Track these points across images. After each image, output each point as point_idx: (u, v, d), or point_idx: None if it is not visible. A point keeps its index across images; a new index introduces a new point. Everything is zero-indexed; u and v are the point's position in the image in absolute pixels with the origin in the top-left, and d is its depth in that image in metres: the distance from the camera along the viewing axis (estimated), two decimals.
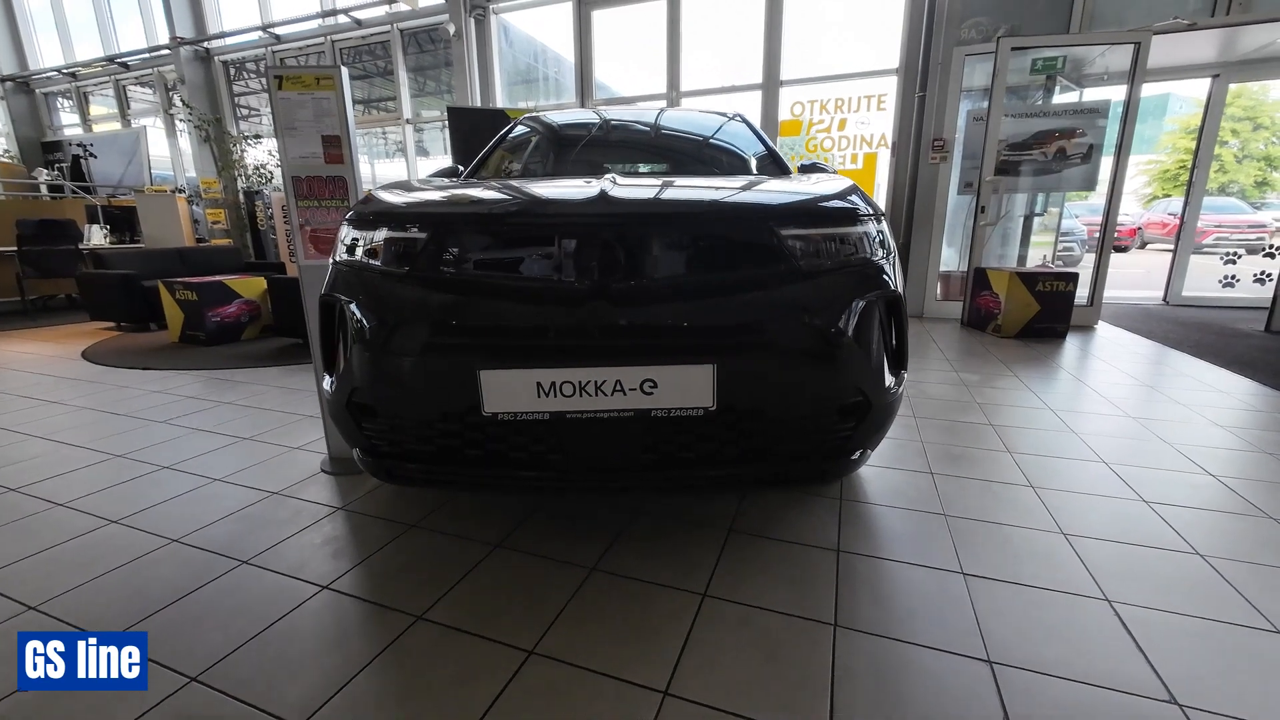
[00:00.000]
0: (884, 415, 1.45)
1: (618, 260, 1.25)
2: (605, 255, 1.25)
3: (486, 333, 1.26)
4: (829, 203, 1.45)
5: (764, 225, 1.32)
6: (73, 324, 5.67)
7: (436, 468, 1.36)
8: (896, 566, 1.51)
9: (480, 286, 1.30)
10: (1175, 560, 1.52)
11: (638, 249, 1.27)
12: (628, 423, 1.26)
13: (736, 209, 1.35)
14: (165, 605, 1.39)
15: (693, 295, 1.27)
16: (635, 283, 1.25)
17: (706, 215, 1.32)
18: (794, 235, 1.34)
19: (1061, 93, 5.51)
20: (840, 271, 1.37)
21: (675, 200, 1.35)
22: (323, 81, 1.89)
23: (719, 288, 1.28)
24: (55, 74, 10.16)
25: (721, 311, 1.26)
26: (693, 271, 1.29)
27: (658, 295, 1.26)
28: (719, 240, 1.31)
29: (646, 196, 1.34)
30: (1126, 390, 3.04)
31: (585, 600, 1.38)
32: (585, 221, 1.26)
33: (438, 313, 1.30)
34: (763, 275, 1.30)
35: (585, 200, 1.31)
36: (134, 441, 2.45)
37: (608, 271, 1.24)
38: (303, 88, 1.89)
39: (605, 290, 1.24)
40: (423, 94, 8.45)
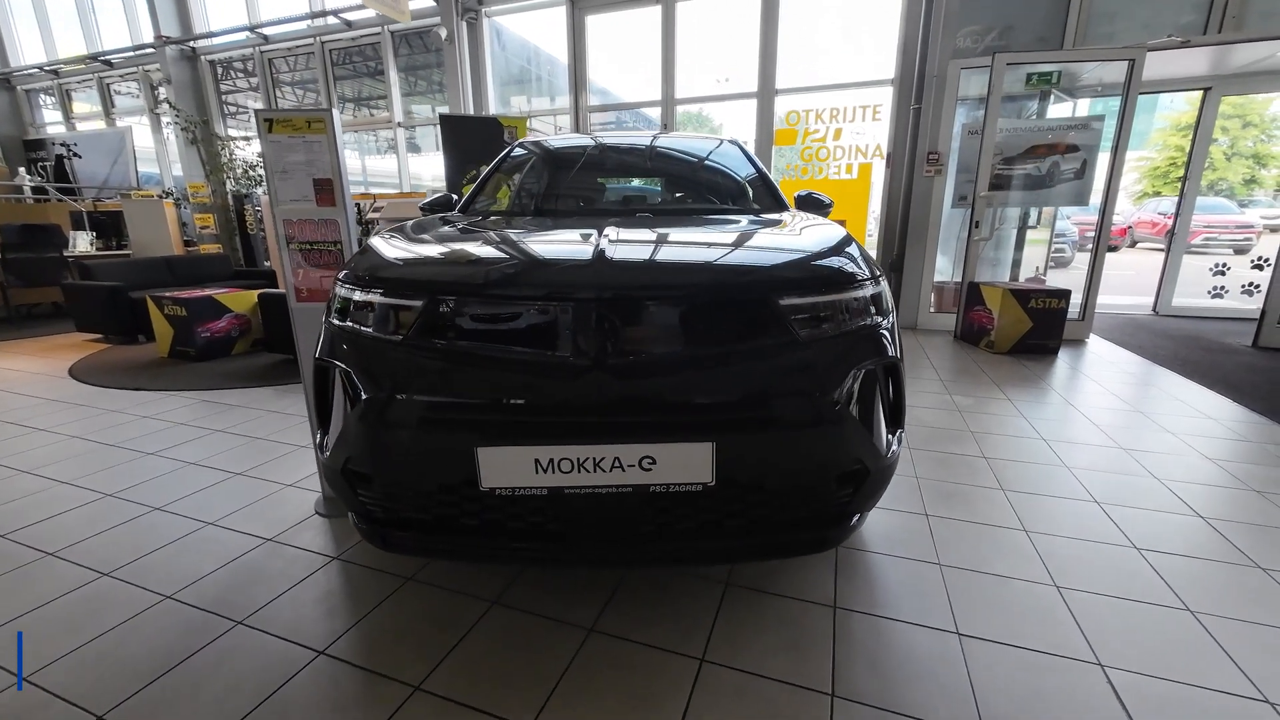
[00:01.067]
0: (882, 479, 1.45)
1: (615, 334, 1.24)
2: (602, 330, 1.24)
3: (484, 409, 1.25)
4: (828, 266, 1.44)
5: (763, 295, 1.31)
6: (59, 334, 5.58)
7: (433, 537, 1.35)
8: (893, 626, 1.52)
9: (476, 359, 1.28)
10: (1166, 618, 1.54)
11: (635, 323, 1.26)
12: (626, 498, 1.26)
13: (735, 279, 1.34)
14: (159, 675, 1.37)
15: (692, 370, 1.26)
16: (633, 357, 1.24)
17: (705, 286, 1.31)
18: (793, 304, 1.33)
19: (1056, 103, 5.53)
20: (839, 339, 1.36)
21: (673, 271, 1.34)
22: (314, 124, 1.85)
23: (718, 361, 1.27)
24: (37, 70, 9.94)
25: (720, 387, 1.25)
26: (692, 345, 1.28)
27: (656, 370, 1.25)
28: (718, 312, 1.30)
29: (644, 266, 1.33)
30: (1117, 416, 3.07)
31: (584, 667, 1.38)
32: (582, 296, 1.25)
33: (433, 387, 1.28)
34: (761, 346, 1.30)
35: (581, 270, 1.30)
36: (125, 477, 2.42)
37: (605, 346, 1.23)
38: (293, 130, 1.85)
39: (603, 365, 1.23)
40: (414, 93, 8.35)
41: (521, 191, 2.54)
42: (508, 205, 2.47)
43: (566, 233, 1.66)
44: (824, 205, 2.58)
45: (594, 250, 1.36)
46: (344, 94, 8.46)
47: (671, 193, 2.61)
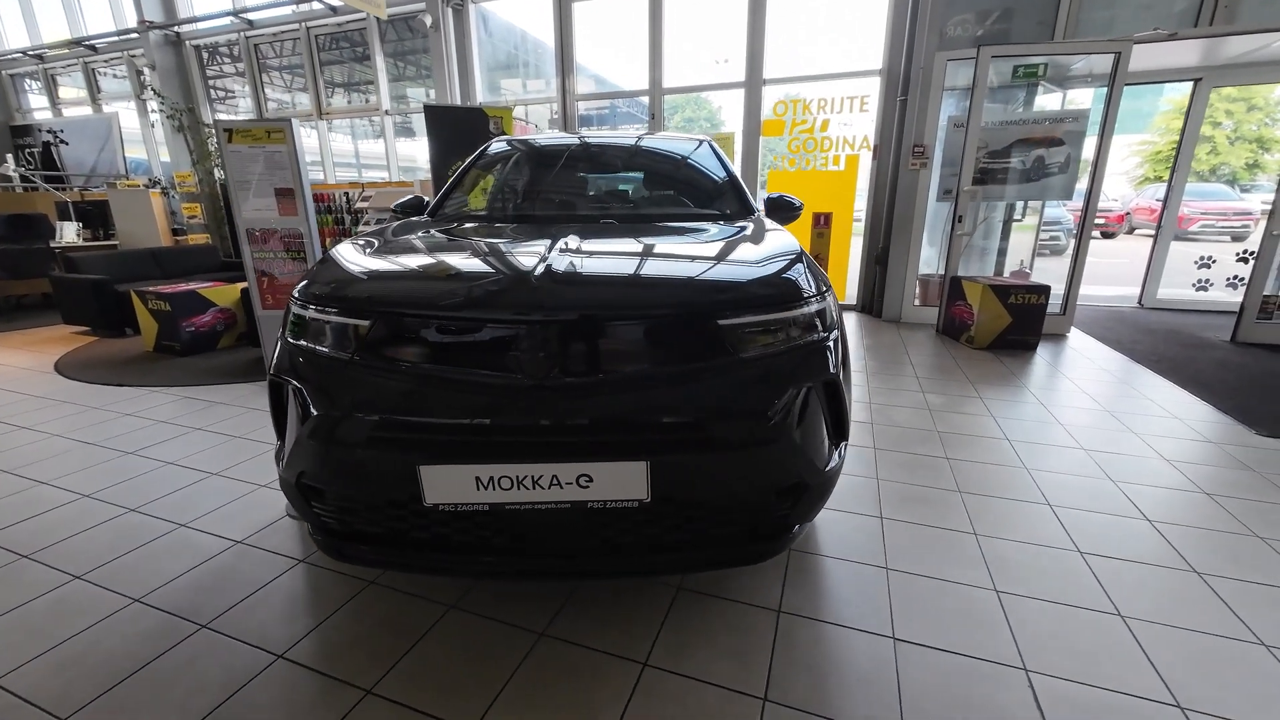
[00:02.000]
0: (822, 492, 1.50)
1: (554, 355, 1.27)
2: (541, 351, 1.27)
3: (425, 429, 1.28)
4: (769, 285, 1.47)
5: (701, 316, 1.34)
6: (48, 326, 5.61)
7: (385, 550, 1.40)
8: (833, 631, 1.57)
9: (417, 378, 1.32)
10: (1098, 624, 1.60)
11: (574, 344, 1.29)
12: (565, 513, 1.30)
13: (674, 301, 1.37)
14: (123, 679, 1.43)
15: (629, 390, 1.30)
16: (571, 378, 1.28)
17: (644, 308, 1.34)
18: (732, 325, 1.36)
19: (1044, 93, 5.48)
20: (778, 357, 1.39)
21: (612, 293, 1.37)
22: (273, 135, 1.87)
23: (655, 382, 1.31)
24: (20, 55, 9.81)
25: (656, 407, 1.29)
26: (629, 365, 1.31)
27: (593, 391, 1.28)
28: (656, 333, 1.34)
29: (583, 289, 1.35)
30: (1085, 416, 3.11)
31: (530, 672, 1.44)
32: (521, 318, 1.28)
33: (378, 405, 1.32)
34: (699, 367, 1.33)
35: (521, 293, 1.32)
36: (103, 478, 2.47)
37: (543, 367, 1.27)
38: (253, 141, 1.86)
39: (541, 386, 1.27)
40: (404, 78, 8.26)
41: (489, 195, 2.56)
42: (474, 210, 2.48)
43: (520, 246, 1.68)
44: (793, 208, 2.59)
45: (538, 270, 1.39)
46: (333, 79, 8.37)
47: (639, 198, 2.62)
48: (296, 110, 8.56)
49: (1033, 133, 4.77)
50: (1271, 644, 1.52)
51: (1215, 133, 18.66)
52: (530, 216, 2.35)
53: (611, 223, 2.14)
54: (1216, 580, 1.77)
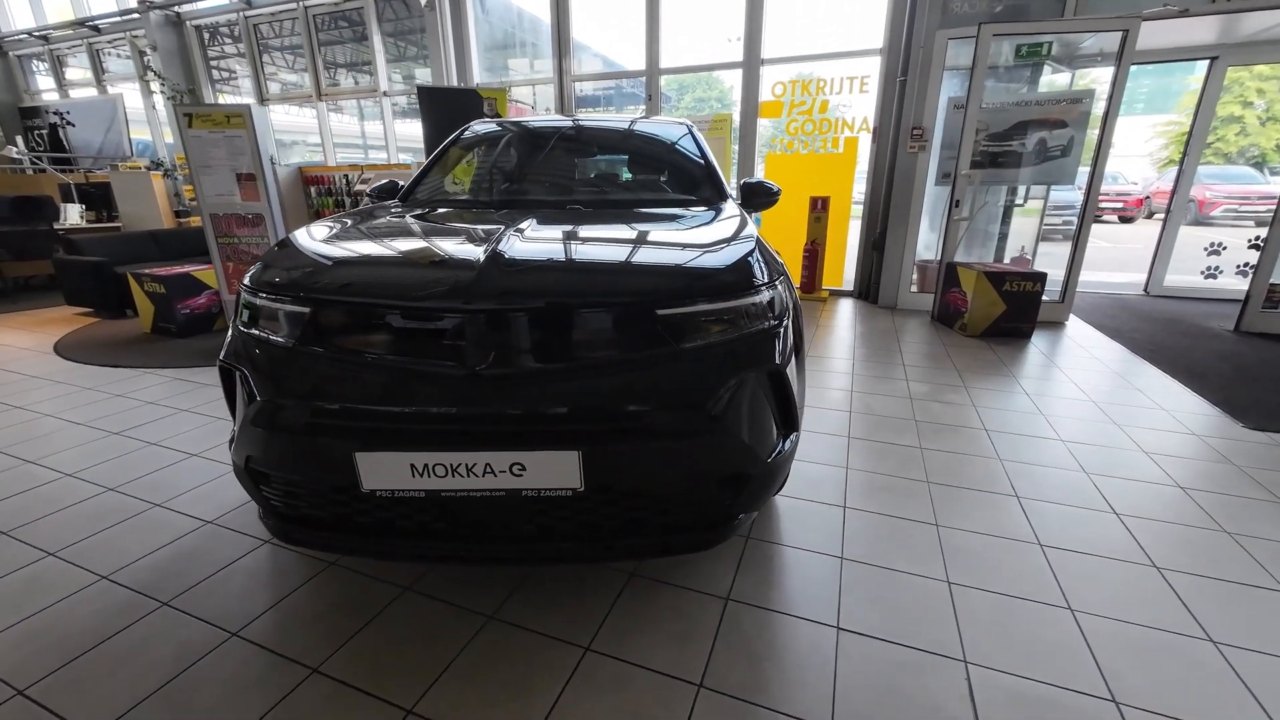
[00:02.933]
0: (767, 482, 1.50)
1: (489, 344, 1.27)
2: (476, 339, 1.27)
3: (361, 416, 1.30)
4: (714, 274, 1.45)
5: (640, 306, 1.33)
6: (52, 307, 5.71)
7: (330, 534, 1.43)
8: (778, 619, 1.58)
9: (355, 366, 1.33)
10: (1046, 617, 1.59)
11: (509, 333, 1.29)
12: (501, 500, 1.31)
13: (613, 291, 1.36)
14: (82, 653, 1.48)
15: (563, 380, 1.30)
16: (505, 367, 1.28)
17: (582, 298, 1.32)
18: (673, 315, 1.35)
19: (1052, 73, 5.31)
20: (720, 348, 1.38)
21: (548, 282, 1.36)
22: (233, 120, 1.86)
23: (591, 371, 1.31)
24: (27, 35, 9.85)
25: (590, 397, 1.29)
26: (565, 355, 1.31)
27: (527, 380, 1.29)
28: (594, 323, 1.33)
29: (519, 278, 1.34)
30: (1070, 407, 3.07)
31: (474, 654, 1.47)
32: (457, 306, 1.28)
33: (316, 392, 1.33)
34: (636, 357, 1.33)
35: (459, 280, 1.32)
36: (88, 457, 2.54)
37: (479, 355, 1.27)
38: (213, 125, 1.86)
39: (476, 374, 1.27)
40: (403, 59, 8.19)
41: (458, 181, 2.54)
42: (444, 195, 2.47)
43: (470, 234, 1.67)
44: (770, 193, 2.55)
45: (477, 259, 1.38)
46: (335, 60, 8.32)
47: (608, 183, 2.59)
48: (298, 91, 8.54)
49: (1036, 114, 4.63)
50: (1219, 640, 1.50)
51: (1245, 113, 17.97)
52: (496, 202, 2.34)
53: (577, 208, 2.12)
54: (1175, 575, 1.75)
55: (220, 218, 1.88)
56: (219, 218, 1.88)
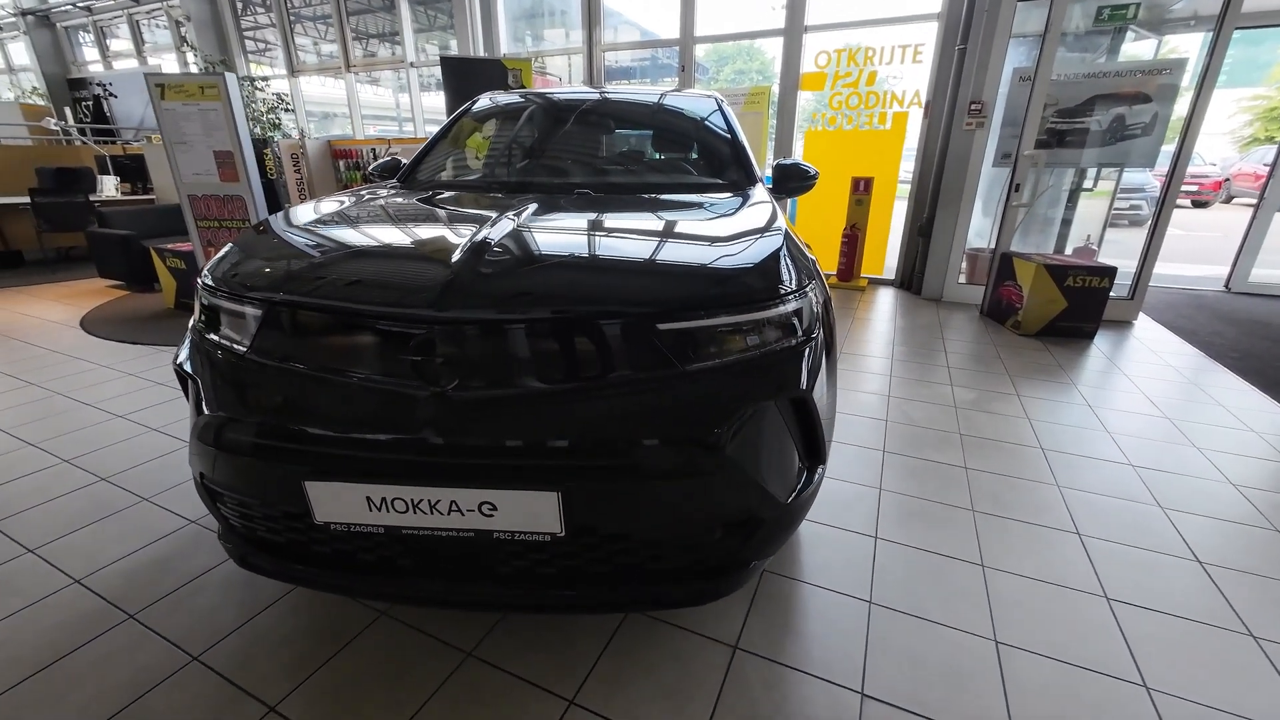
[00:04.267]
0: (782, 526, 1.28)
1: (455, 363, 1.08)
2: (441, 357, 1.08)
3: (311, 440, 1.12)
4: (727, 281, 1.22)
5: (635, 321, 1.11)
6: (86, 279, 5.81)
7: (287, 564, 1.28)
8: (792, 676, 1.38)
9: (308, 381, 1.15)
10: (1113, 693, 1.34)
11: (478, 351, 1.09)
12: (469, 542, 1.13)
13: (603, 302, 1.13)
14: (41, 669, 1.39)
15: (542, 407, 1.09)
16: (475, 391, 1.08)
17: (563, 311, 1.10)
18: (677, 329, 1.13)
19: (1136, 39, 4.75)
20: (733, 369, 1.16)
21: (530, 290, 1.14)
22: (207, 90, 1.69)
23: (574, 398, 1.10)
24: (71, 7, 10.01)
25: (575, 428, 1.08)
26: (544, 378, 1.10)
27: (499, 407, 1.09)
28: (579, 341, 1.11)
29: (496, 283, 1.13)
30: (1140, 424, 2.72)
31: (446, 698, 1.31)
32: (421, 315, 1.08)
33: (264, 409, 1.17)
34: (629, 381, 1.11)
35: (425, 285, 1.12)
36: (88, 442, 2.48)
37: (443, 376, 1.08)
38: (186, 97, 1.70)
39: (441, 399, 1.08)
40: (432, 29, 7.99)
41: (460, 160, 2.34)
42: (443, 176, 2.27)
43: (458, 222, 1.47)
44: (806, 177, 2.26)
45: (452, 259, 1.18)
46: (366, 29, 8.17)
47: (622, 164, 2.34)
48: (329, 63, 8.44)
49: (1114, 87, 4.13)
50: None
51: None
52: (496, 184, 2.12)
53: (586, 193, 1.90)
54: (1275, 647, 1.47)
55: (199, 199, 1.72)
56: (197, 199, 1.72)
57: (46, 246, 6.42)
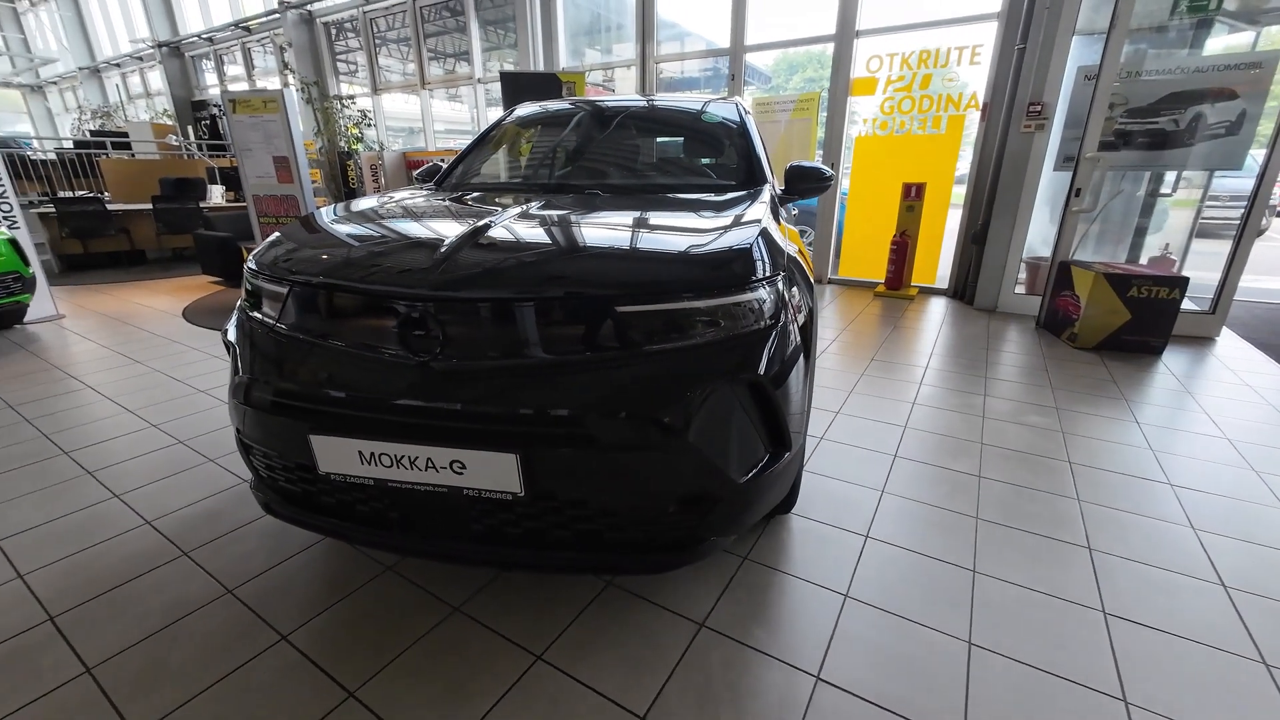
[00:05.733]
0: (740, 506, 1.33)
1: (435, 337, 1.22)
2: (423, 331, 1.22)
3: (317, 399, 1.30)
4: (691, 269, 1.30)
5: (596, 303, 1.21)
6: (192, 276, 6.58)
7: (302, 511, 1.47)
8: (751, 656, 1.42)
9: (315, 350, 1.33)
10: (1089, 704, 1.29)
11: (454, 326, 1.23)
12: (444, 497, 1.27)
13: (568, 286, 1.23)
14: (110, 589, 1.65)
15: (505, 379, 1.21)
16: (451, 362, 1.22)
17: (532, 293, 1.22)
18: (634, 313, 1.22)
19: (1230, 33, 4.36)
20: (690, 352, 1.23)
21: (505, 273, 1.26)
22: (269, 105, 1.96)
23: (534, 372, 1.21)
24: (197, 39, 11.36)
25: (531, 399, 1.19)
26: (510, 353, 1.22)
27: (470, 377, 1.22)
28: (546, 320, 1.23)
29: (477, 267, 1.27)
30: (1196, 446, 2.51)
31: (428, 645, 1.45)
32: (409, 294, 1.23)
33: (281, 373, 1.36)
34: (588, 359, 1.21)
35: (415, 267, 1.27)
36: (173, 410, 2.86)
37: (426, 348, 1.22)
38: (252, 111, 1.97)
39: (424, 368, 1.22)
40: (500, 47, 8.46)
41: (492, 163, 2.53)
42: (474, 179, 2.47)
43: (461, 218, 1.63)
44: (823, 178, 2.28)
45: (446, 246, 1.33)
46: (442, 49, 8.78)
47: (634, 166, 2.45)
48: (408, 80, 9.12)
49: (1195, 84, 3.82)
50: None
51: None
52: (514, 185, 2.29)
53: (595, 192, 2.02)
54: None
55: (261, 199, 1.98)
56: (260, 198, 1.98)
57: (164, 247, 7.31)
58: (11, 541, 1.87)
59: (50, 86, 16.68)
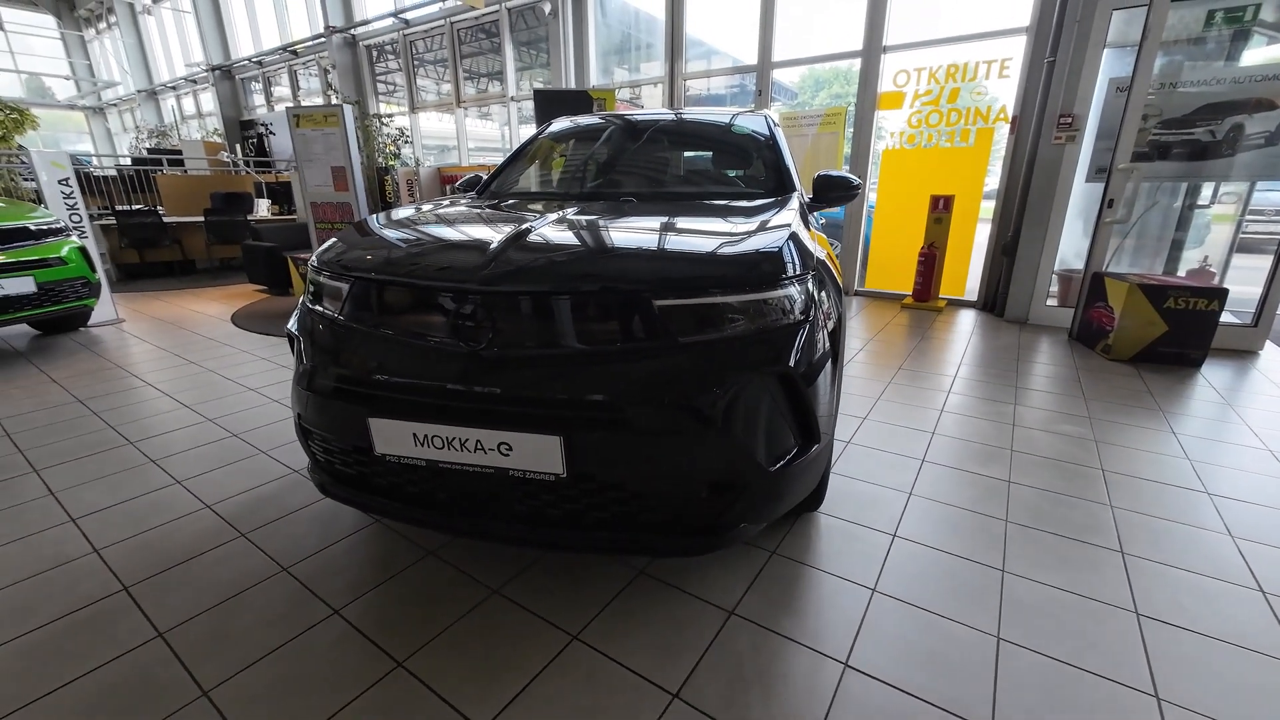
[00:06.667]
0: (769, 494, 1.39)
1: (485, 327, 1.31)
2: (475, 322, 1.32)
3: (376, 385, 1.40)
4: (724, 267, 1.37)
5: (635, 297, 1.30)
6: (240, 284, 6.91)
7: (355, 491, 1.57)
8: (779, 643, 1.46)
9: (374, 340, 1.44)
10: (1119, 701, 1.30)
11: (503, 318, 1.32)
12: (490, 477, 1.35)
13: (608, 280, 1.32)
14: (174, 565, 1.78)
15: (550, 366, 1.30)
16: (498, 351, 1.31)
17: (573, 287, 1.30)
18: (672, 306, 1.30)
19: (1269, 44, 4.30)
20: (724, 344, 1.30)
21: (550, 268, 1.36)
22: (329, 118, 2.11)
23: (578, 360, 1.29)
24: (247, 62, 12.00)
25: (574, 385, 1.28)
26: (555, 343, 1.31)
27: (519, 362, 1.31)
28: (587, 312, 1.31)
29: (523, 263, 1.37)
30: (1236, 457, 2.46)
31: (470, 623, 1.53)
32: (460, 287, 1.33)
33: (342, 361, 1.47)
34: (627, 349, 1.29)
35: (466, 263, 1.38)
36: (226, 406, 3.03)
37: (474, 338, 1.32)
38: (314, 124, 2.13)
39: (474, 356, 1.32)
40: (533, 66, 8.75)
41: (529, 174, 2.65)
42: (514, 189, 2.59)
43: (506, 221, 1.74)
44: (850, 187, 2.34)
45: (493, 245, 1.43)
46: (476, 69, 9.13)
47: (665, 176, 2.55)
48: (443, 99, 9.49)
49: (1233, 94, 3.78)
50: None
51: None
52: (555, 195, 2.41)
53: (630, 200, 2.12)
54: None
55: (318, 205, 2.13)
56: (317, 205, 2.13)
57: (213, 257, 7.69)
58: (87, 520, 2.02)
59: (110, 108, 17.75)
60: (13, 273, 3.79)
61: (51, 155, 4.18)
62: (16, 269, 3.82)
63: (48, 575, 1.74)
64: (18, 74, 16.41)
